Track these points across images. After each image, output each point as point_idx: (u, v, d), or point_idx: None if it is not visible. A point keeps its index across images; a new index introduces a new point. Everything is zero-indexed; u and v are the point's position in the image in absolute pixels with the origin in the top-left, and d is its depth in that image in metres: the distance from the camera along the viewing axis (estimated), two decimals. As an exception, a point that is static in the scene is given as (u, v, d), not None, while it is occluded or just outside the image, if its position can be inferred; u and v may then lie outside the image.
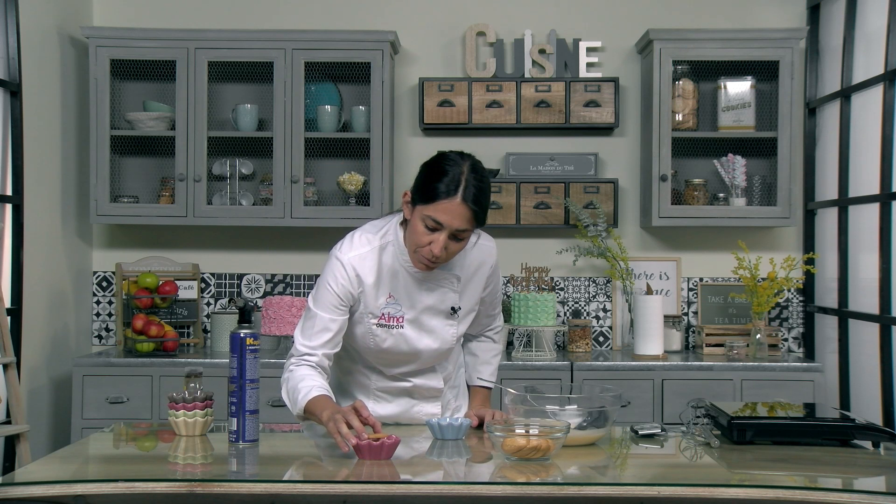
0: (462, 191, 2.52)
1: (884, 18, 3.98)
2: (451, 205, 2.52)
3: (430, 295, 2.73)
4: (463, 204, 2.52)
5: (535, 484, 2.18)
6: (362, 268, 2.67)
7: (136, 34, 4.52)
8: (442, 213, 2.52)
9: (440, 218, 2.52)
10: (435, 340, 2.76)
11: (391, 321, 2.71)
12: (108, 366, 4.28)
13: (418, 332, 2.74)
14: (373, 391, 2.86)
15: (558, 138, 4.81)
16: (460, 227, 2.54)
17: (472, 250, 2.75)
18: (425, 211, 2.54)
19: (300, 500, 2.19)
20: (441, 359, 2.84)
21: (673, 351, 4.59)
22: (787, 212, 4.48)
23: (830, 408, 3.05)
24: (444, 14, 4.84)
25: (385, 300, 2.70)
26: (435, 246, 2.55)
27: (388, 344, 2.73)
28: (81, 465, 2.47)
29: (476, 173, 2.56)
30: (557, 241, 4.79)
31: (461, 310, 2.77)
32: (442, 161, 2.58)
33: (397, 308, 2.71)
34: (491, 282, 2.83)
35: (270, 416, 4.09)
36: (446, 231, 2.54)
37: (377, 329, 2.72)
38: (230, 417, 2.56)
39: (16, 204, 4.11)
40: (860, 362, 4.27)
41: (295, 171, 4.49)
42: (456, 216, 2.52)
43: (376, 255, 2.69)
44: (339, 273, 2.67)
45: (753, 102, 4.59)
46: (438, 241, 2.55)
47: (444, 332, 2.76)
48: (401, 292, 2.70)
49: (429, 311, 2.74)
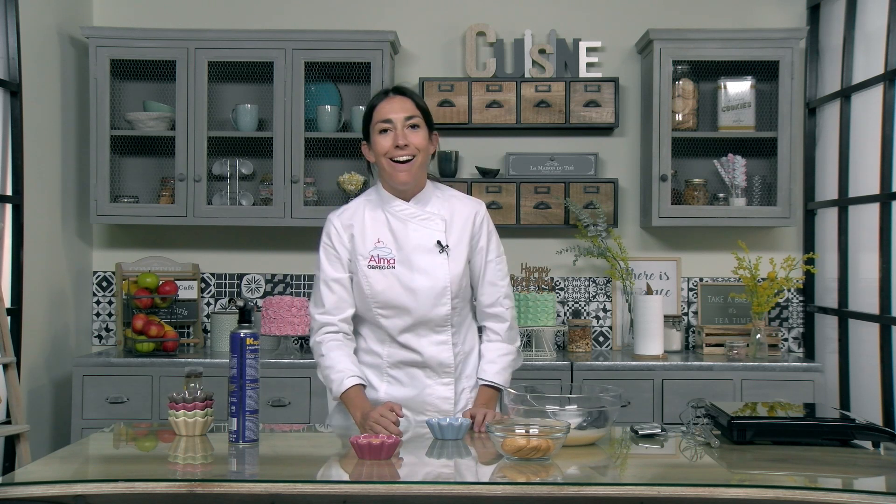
0: (391, 89, 2.90)
1: (884, 18, 3.98)
2: (386, 102, 2.86)
3: (416, 233, 2.89)
4: (395, 96, 2.87)
5: (535, 484, 2.18)
6: (349, 217, 2.93)
7: (136, 34, 4.52)
8: (386, 112, 2.85)
9: (386, 115, 2.84)
10: (428, 278, 2.87)
11: (381, 262, 2.87)
12: (108, 366, 4.28)
13: (410, 271, 2.87)
14: (385, 371, 2.92)
15: (558, 138, 4.81)
16: (408, 113, 2.85)
17: (455, 202, 2.96)
18: (374, 125, 2.86)
19: (300, 500, 2.19)
20: (440, 303, 2.88)
21: (673, 351, 4.59)
22: (787, 212, 4.48)
23: (830, 408, 3.05)
24: (444, 14, 4.84)
25: (374, 244, 2.89)
26: (398, 138, 2.82)
27: (382, 286, 2.86)
28: (81, 465, 2.47)
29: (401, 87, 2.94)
30: (557, 241, 4.79)
31: (449, 248, 2.89)
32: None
33: (387, 250, 2.88)
34: (482, 232, 2.97)
35: (270, 416, 4.09)
36: (397, 123, 2.83)
37: (369, 271, 2.87)
38: (230, 417, 2.56)
39: (16, 204, 4.11)
40: (860, 362, 4.27)
41: (295, 171, 4.49)
42: (397, 108, 2.85)
43: (362, 207, 2.94)
44: (330, 228, 2.93)
45: (753, 102, 4.59)
46: (397, 133, 2.83)
47: (436, 269, 2.87)
48: (388, 236, 2.89)
49: (417, 250, 2.88)
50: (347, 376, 2.79)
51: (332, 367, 2.82)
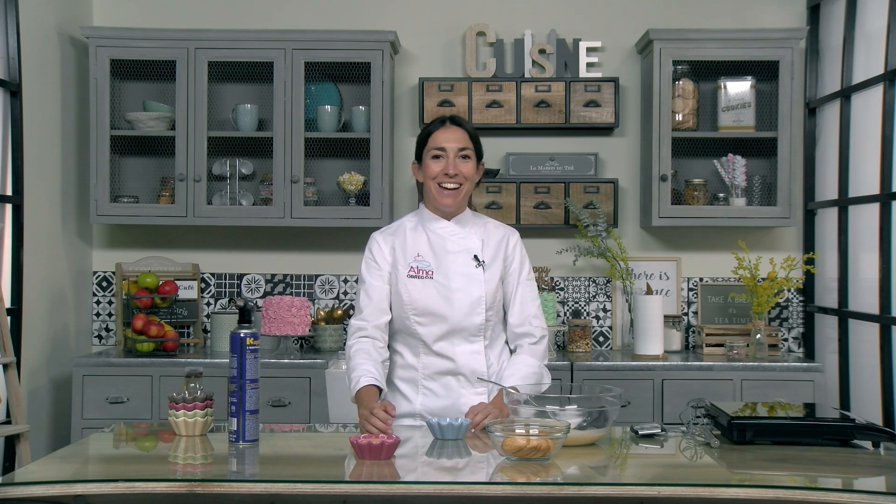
0: (450, 120, 3.03)
1: (884, 18, 3.98)
2: (444, 131, 3.00)
3: (454, 246, 3.02)
4: (453, 126, 3.01)
5: (535, 484, 2.18)
6: (391, 234, 3.09)
7: (136, 34, 4.52)
8: (441, 141, 2.99)
9: (440, 143, 2.98)
10: (464, 287, 2.99)
11: (420, 273, 3.01)
12: (108, 366, 4.28)
13: (447, 280, 2.99)
14: (420, 383, 3.01)
15: (558, 138, 4.81)
16: (460, 145, 2.99)
17: (492, 227, 3.10)
18: (428, 150, 3.00)
19: (300, 500, 2.19)
20: (473, 310, 2.98)
21: (673, 351, 4.59)
22: (787, 212, 4.48)
23: (830, 408, 3.05)
24: (444, 14, 4.84)
25: (414, 257, 3.03)
26: (448, 166, 2.97)
27: (420, 293, 2.99)
28: (81, 465, 2.47)
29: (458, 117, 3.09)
30: (557, 241, 4.79)
31: (486, 263, 3.02)
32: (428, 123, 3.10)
33: (426, 263, 3.02)
34: (515, 255, 3.08)
35: (270, 416, 4.09)
36: (450, 152, 2.97)
37: (409, 280, 3.00)
38: (230, 417, 2.56)
39: (16, 204, 4.11)
40: (860, 362, 4.27)
41: (295, 171, 4.49)
42: (451, 138, 2.99)
43: (403, 226, 3.10)
44: (372, 244, 3.08)
45: (753, 102, 4.59)
46: (449, 161, 2.97)
47: (472, 280, 3.00)
48: (427, 251, 3.03)
49: (455, 262, 3.01)
50: (363, 376, 2.87)
51: (354, 368, 2.92)
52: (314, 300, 4.81)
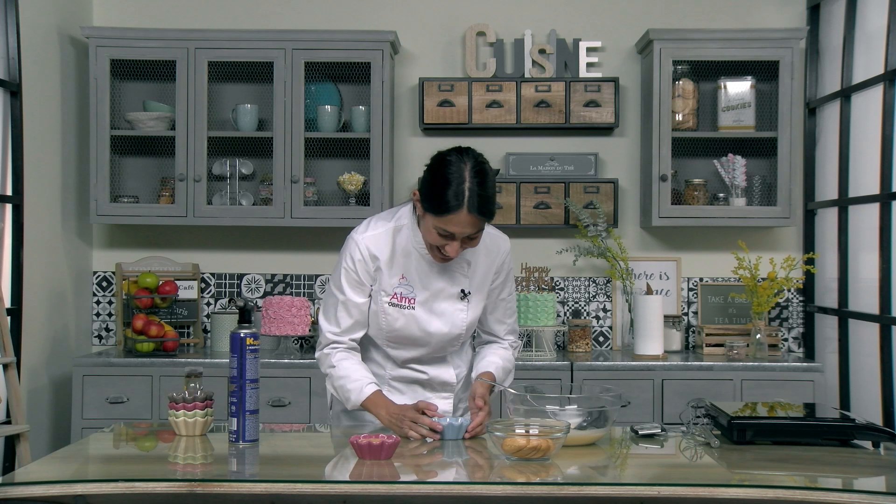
0: (467, 202, 2.60)
1: (884, 18, 3.98)
2: (458, 217, 2.61)
3: (440, 278, 2.81)
4: (469, 215, 2.61)
5: (535, 484, 2.18)
6: (377, 246, 2.78)
7: (136, 34, 4.52)
8: (451, 226, 2.63)
9: (450, 229, 2.63)
10: (445, 324, 2.82)
11: (402, 301, 2.80)
12: (108, 366, 4.28)
13: (429, 314, 2.81)
14: (387, 380, 2.91)
15: (558, 138, 4.81)
16: (471, 232, 2.66)
17: (485, 238, 2.83)
18: (435, 222, 2.64)
19: (300, 500, 2.19)
20: (451, 345, 2.87)
21: (673, 351, 4.59)
22: (787, 212, 4.48)
23: (830, 408, 3.05)
24: (444, 14, 4.84)
25: (398, 280, 2.80)
26: (450, 250, 2.67)
27: (399, 324, 2.81)
28: (81, 465, 2.47)
29: (479, 177, 2.63)
30: (557, 241, 4.79)
31: (471, 294, 2.83)
32: (443, 168, 2.64)
33: (409, 289, 2.80)
34: (502, 271, 2.88)
35: (270, 416, 4.09)
36: (458, 237, 2.65)
37: (389, 308, 2.80)
38: (230, 417, 2.56)
39: (16, 204, 4.11)
40: (860, 362, 4.27)
41: (295, 171, 4.49)
42: (465, 225, 2.63)
43: (390, 235, 2.80)
44: (355, 252, 2.79)
45: (753, 102, 4.59)
46: (453, 246, 2.67)
47: (455, 316, 2.83)
48: (413, 274, 2.80)
49: (440, 294, 2.82)
50: (366, 384, 2.76)
51: (347, 376, 2.78)
52: (314, 300, 4.81)
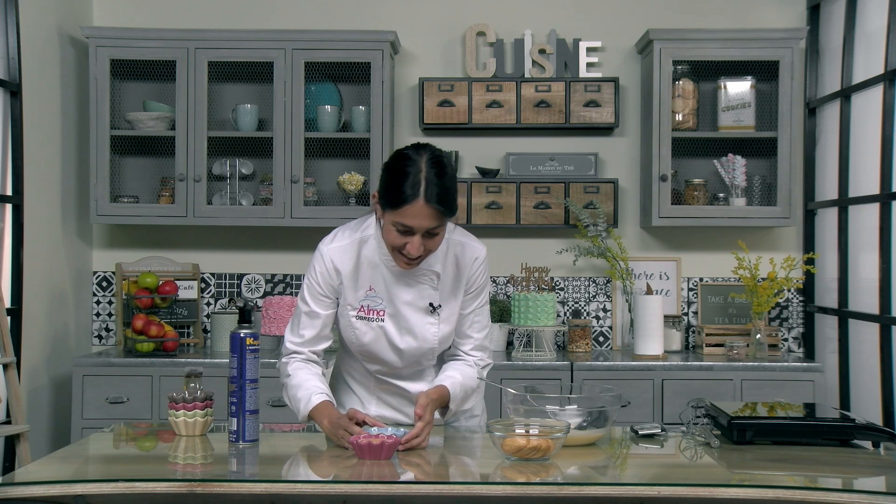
0: (424, 192, 2.51)
1: (884, 18, 3.98)
2: (414, 208, 2.51)
3: (408, 290, 2.72)
4: (427, 205, 2.51)
5: (535, 484, 2.18)
6: (341, 259, 2.70)
7: (136, 34, 4.52)
8: (409, 218, 2.53)
9: (408, 222, 2.53)
10: (415, 339, 2.74)
11: (371, 314, 2.72)
12: (108, 366, 4.28)
13: (398, 328, 2.73)
14: (374, 393, 2.86)
15: (558, 138, 4.81)
16: (430, 226, 2.54)
17: (457, 248, 2.74)
18: (393, 217, 2.55)
19: (300, 500, 2.19)
20: (425, 358, 2.79)
21: (673, 351, 4.59)
22: (787, 212, 4.48)
23: (830, 408, 3.05)
24: (444, 14, 4.84)
25: (365, 293, 2.71)
26: (411, 247, 2.56)
27: (368, 338, 2.73)
28: (81, 465, 2.47)
29: (436, 168, 2.54)
30: (557, 241, 4.79)
31: (441, 308, 2.74)
32: (399, 162, 2.57)
33: (377, 301, 2.71)
34: (474, 283, 2.76)
35: (270, 416, 4.09)
36: (417, 232, 2.55)
37: (356, 322, 2.72)
38: (230, 417, 2.56)
39: (16, 204, 4.11)
40: (860, 362, 4.27)
41: (295, 171, 4.49)
42: (424, 217, 2.53)
43: (356, 247, 2.71)
44: (319, 264, 2.71)
45: (753, 102, 4.59)
46: (413, 242, 2.56)
47: (425, 331, 2.74)
48: (380, 285, 2.71)
49: (408, 307, 2.72)
50: (315, 393, 2.66)
51: (299, 385, 2.69)
52: (314, 300, 4.80)
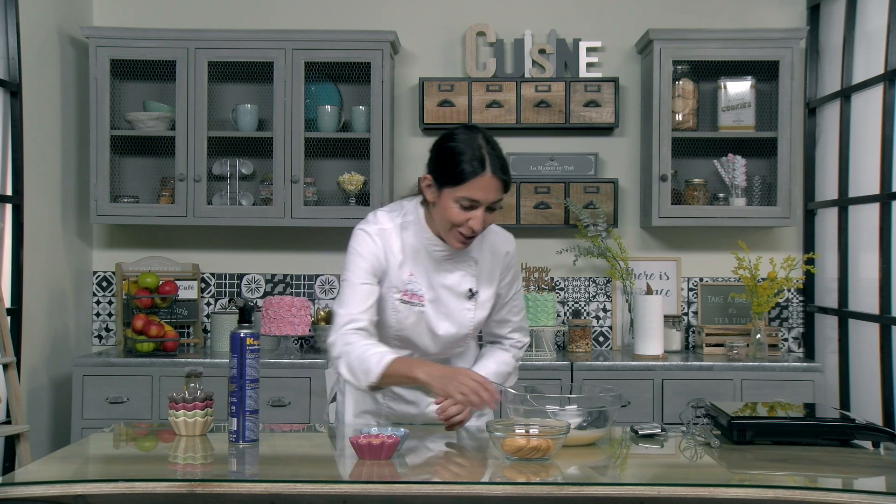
0: (489, 164, 2.58)
1: (884, 18, 3.98)
2: (482, 181, 2.58)
3: (448, 276, 2.76)
4: (493, 177, 2.58)
5: (535, 484, 2.18)
6: (388, 239, 2.73)
7: (136, 34, 4.52)
8: (476, 191, 2.58)
9: (475, 196, 2.59)
10: (453, 324, 2.78)
11: (413, 298, 2.74)
12: (108, 366, 4.28)
13: (437, 313, 2.75)
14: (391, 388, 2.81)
15: (558, 138, 4.81)
16: (495, 198, 2.61)
17: (490, 236, 2.80)
18: (457, 193, 2.59)
19: (300, 500, 2.19)
20: (458, 345, 2.83)
21: (673, 351, 4.59)
22: (787, 212, 4.48)
23: (830, 408, 3.05)
24: (444, 14, 4.84)
25: (407, 276, 2.73)
26: (474, 222, 2.61)
27: (409, 321, 2.75)
28: (81, 465, 2.47)
29: (491, 143, 2.63)
30: (557, 241, 4.79)
31: (478, 294, 2.79)
32: (455, 140, 2.63)
33: (418, 286, 2.74)
34: (509, 271, 2.84)
35: (270, 416, 4.09)
36: (482, 206, 2.60)
37: (400, 305, 2.74)
38: (230, 417, 2.56)
39: (16, 204, 4.11)
40: (860, 362, 4.27)
41: (295, 171, 4.49)
42: (490, 190, 2.59)
43: (398, 232, 2.74)
44: (367, 242, 2.71)
45: (753, 102, 4.59)
46: (477, 216, 2.61)
47: (462, 316, 2.78)
48: (420, 271, 2.74)
49: (447, 292, 2.76)
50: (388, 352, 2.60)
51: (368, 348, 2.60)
52: (314, 300, 4.81)
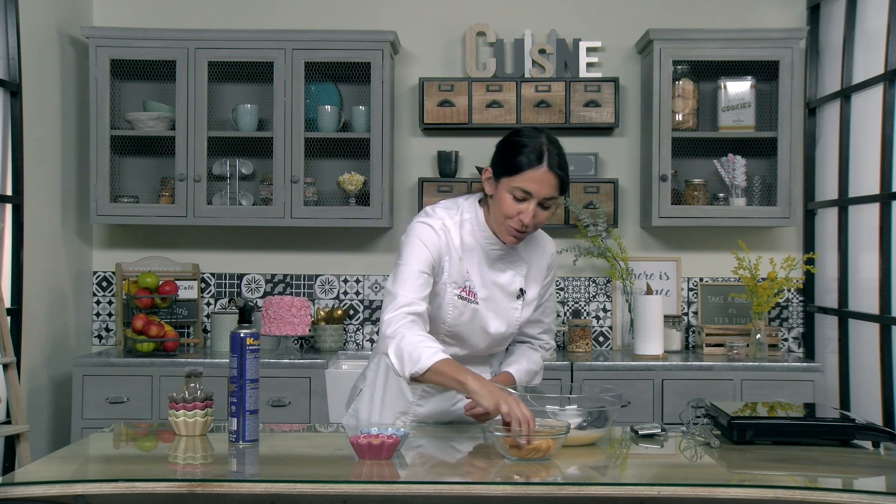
0: (547, 159, 2.62)
1: (884, 18, 3.98)
2: (538, 173, 2.61)
3: (501, 275, 2.79)
4: (549, 171, 2.61)
5: (535, 484, 2.18)
6: (450, 234, 2.73)
7: (136, 34, 4.52)
8: (530, 182, 2.61)
9: (529, 187, 2.61)
10: (503, 323, 2.80)
11: (470, 295, 2.74)
12: (108, 366, 4.28)
13: (489, 311, 2.77)
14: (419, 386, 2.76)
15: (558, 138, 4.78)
16: (549, 194, 2.63)
17: (537, 237, 2.85)
18: (512, 182, 2.62)
19: (300, 500, 2.19)
20: (501, 344, 2.87)
21: (673, 351, 4.59)
22: (787, 212, 4.48)
23: (830, 408, 3.05)
24: (444, 14, 4.84)
25: (464, 274, 2.74)
26: (525, 215, 2.63)
27: (465, 318, 2.75)
28: (81, 465, 2.47)
29: (553, 143, 2.67)
30: (557, 241, 4.73)
31: (526, 294, 2.82)
32: (520, 135, 2.69)
33: (474, 284, 2.75)
34: (550, 273, 2.89)
35: (270, 416, 4.09)
36: (535, 200, 2.62)
37: (458, 301, 2.73)
38: (230, 417, 2.56)
39: (16, 204, 4.11)
40: (860, 362, 4.27)
41: (295, 171, 4.49)
42: (544, 184, 2.61)
43: (457, 229, 2.74)
44: (431, 234, 2.69)
45: (753, 102, 4.59)
46: (528, 210, 2.63)
47: (511, 315, 2.81)
48: (475, 269, 2.75)
49: (499, 291, 2.79)
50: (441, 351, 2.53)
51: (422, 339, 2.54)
52: (314, 300, 4.81)
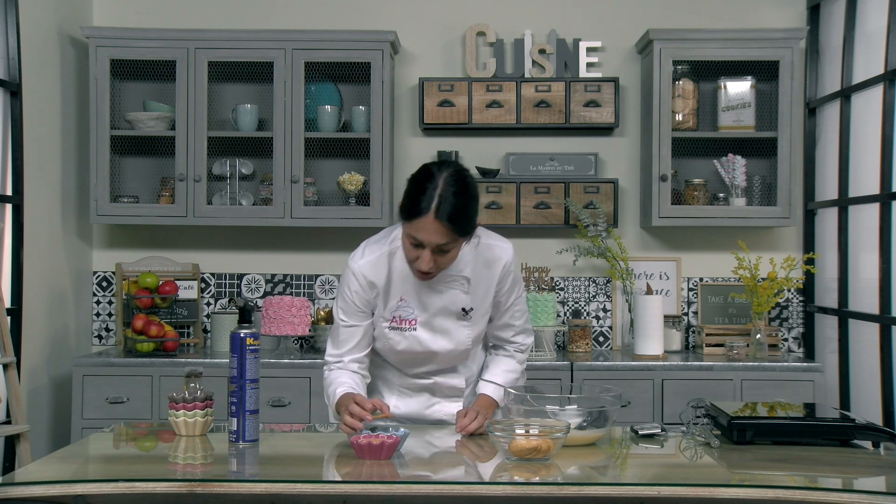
0: (435, 208, 2.53)
1: (884, 18, 3.98)
2: (424, 222, 2.54)
3: (440, 297, 2.77)
4: (436, 221, 2.53)
5: (535, 484, 2.18)
6: (373, 273, 2.75)
7: (136, 34, 4.52)
8: (419, 231, 2.56)
9: (418, 236, 2.57)
10: (450, 342, 2.80)
11: (403, 324, 2.77)
12: (108, 366, 4.28)
13: (432, 333, 2.79)
14: (396, 386, 2.92)
15: (558, 138, 4.81)
16: (439, 241, 2.56)
17: (483, 250, 2.78)
18: (406, 228, 2.60)
19: (300, 500, 2.19)
20: (459, 359, 2.87)
21: (673, 351, 4.59)
22: (787, 212, 4.48)
23: (830, 408, 3.05)
24: (444, 14, 4.84)
25: (396, 303, 2.76)
26: (421, 262, 2.60)
27: (402, 346, 2.80)
28: (81, 465, 2.47)
29: (454, 186, 2.55)
30: (557, 241, 4.79)
31: (473, 311, 2.80)
32: (419, 175, 2.62)
33: (409, 310, 2.77)
34: (506, 280, 2.81)
35: (270, 416, 4.09)
36: (428, 248, 2.57)
37: (389, 332, 2.79)
38: (230, 417, 2.56)
39: (16, 204, 4.11)
40: (860, 362, 4.27)
41: (295, 171, 4.49)
42: (432, 233, 2.55)
43: (386, 260, 2.75)
44: (352, 282, 2.76)
45: (753, 102, 4.59)
46: (424, 257, 2.59)
47: (458, 333, 2.81)
48: (412, 295, 2.76)
49: (441, 313, 2.78)
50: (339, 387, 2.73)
51: (330, 384, 2.79)
52: (314, 300, 4.81)
